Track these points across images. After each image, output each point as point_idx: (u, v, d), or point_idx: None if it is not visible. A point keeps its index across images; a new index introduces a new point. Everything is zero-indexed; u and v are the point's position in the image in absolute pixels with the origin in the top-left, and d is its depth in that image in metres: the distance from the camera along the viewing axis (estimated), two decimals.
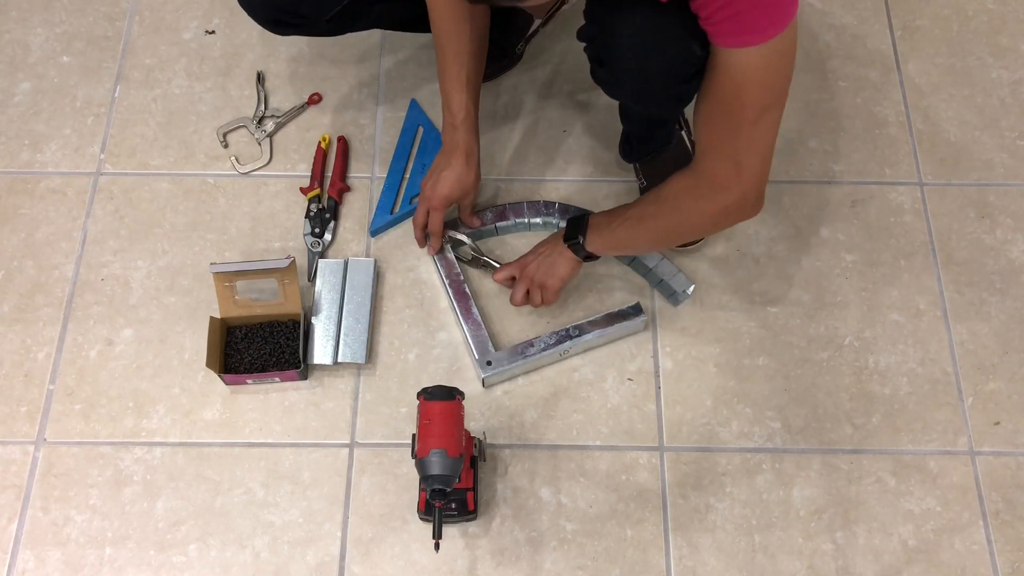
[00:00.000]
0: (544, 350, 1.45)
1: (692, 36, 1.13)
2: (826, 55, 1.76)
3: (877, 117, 1.71)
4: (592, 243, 1.40)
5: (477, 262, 1.54)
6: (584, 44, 1.27)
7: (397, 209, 1.59)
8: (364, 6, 1.44)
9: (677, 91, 1.23)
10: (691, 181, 1.27)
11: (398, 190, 1.61)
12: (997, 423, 1.46)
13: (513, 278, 1.49)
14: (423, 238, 1.53)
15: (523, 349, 1.45)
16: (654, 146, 1.55)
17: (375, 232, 1.58)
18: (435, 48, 1.40)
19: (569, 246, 1.41)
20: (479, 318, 1.48)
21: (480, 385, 1.46)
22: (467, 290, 1.50)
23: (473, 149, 1.43)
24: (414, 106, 1.68)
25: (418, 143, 1.65)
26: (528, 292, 1.46)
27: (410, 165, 1.63)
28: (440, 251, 1.53)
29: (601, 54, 1.24)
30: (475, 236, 1.56)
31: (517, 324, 1.51)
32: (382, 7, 1.48)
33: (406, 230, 1.59)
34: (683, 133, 1.58)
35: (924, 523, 1.39)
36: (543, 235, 1.55)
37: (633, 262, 1.54)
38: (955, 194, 1.64)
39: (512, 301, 1.48)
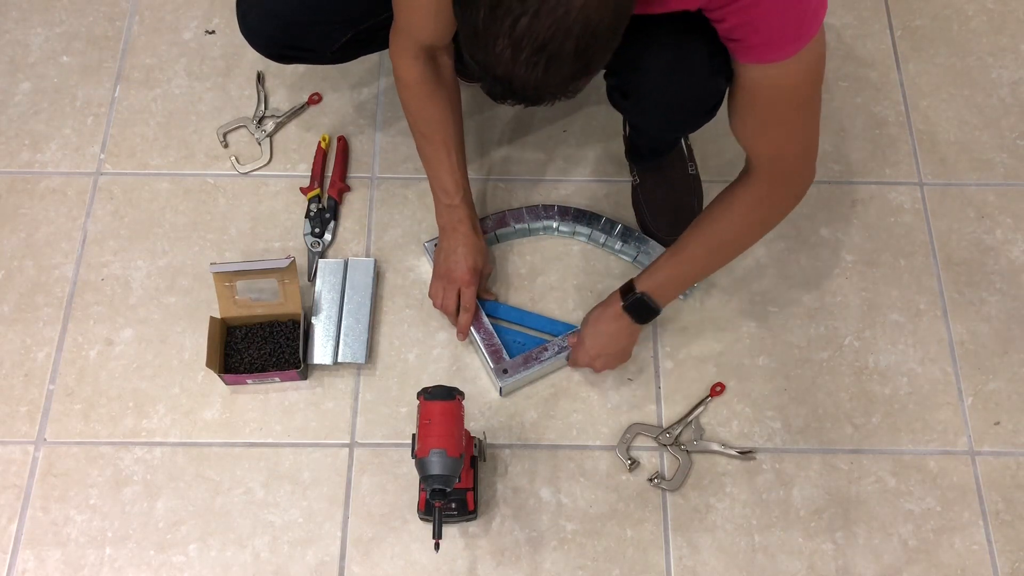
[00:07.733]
0: (559, 353, 1.44)
1: (718, 71, 1.13)
2: (826, 55, 1.76)
3: (877, 117, 1.71)
4: (663, 300, 1.33)
5: None
6: (604, 71, 1.25)
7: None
8: (369, 34, 1.40)
9: (700, 121, 1.26)
10: (763, 189, 1.22)
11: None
12: (997, 423, 1.46)
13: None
14: (467, 324, 1.45)
15: (537, 354, 1.44)
16: (662, 151, 1.56)
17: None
18: (416, 136, 1.38)
19: (635, 319, 1.35)
20: (490, 327, 1.46)
21: (497, 394, 1.45)
22: (476, 300, 1.47)
23: (476, 220, 1.44)
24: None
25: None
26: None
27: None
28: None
29: (626, 87, 1.22)
30: None
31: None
32: (386, 33, 1.40)
33: (407, 229, 1.59)
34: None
35: (924, 523, 1.39)
36: (544, 240, 1.55)
37: (635, 259, 1.54)
38: (955, 194, 1.64)
39: (572, 364, 1.45)
